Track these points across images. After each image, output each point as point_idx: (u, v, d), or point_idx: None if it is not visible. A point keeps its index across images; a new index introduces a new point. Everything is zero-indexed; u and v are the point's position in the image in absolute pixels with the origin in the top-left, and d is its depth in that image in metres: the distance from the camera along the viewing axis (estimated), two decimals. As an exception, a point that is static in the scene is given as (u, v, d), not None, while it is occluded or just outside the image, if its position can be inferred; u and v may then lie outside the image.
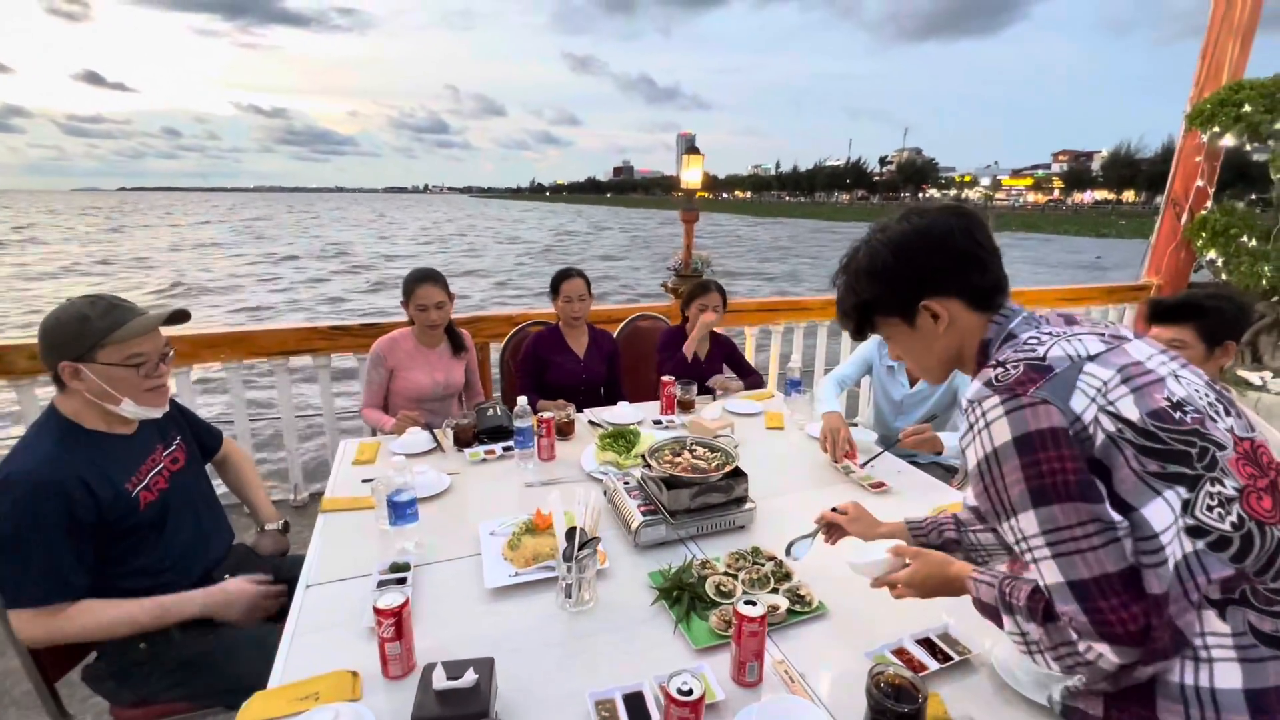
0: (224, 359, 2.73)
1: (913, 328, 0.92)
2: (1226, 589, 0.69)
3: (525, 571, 1.30)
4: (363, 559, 1.37)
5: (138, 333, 1.28)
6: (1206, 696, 0.68)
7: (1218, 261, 4.12)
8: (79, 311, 1.24)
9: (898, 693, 0.88)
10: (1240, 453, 0.73)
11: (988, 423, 0.75)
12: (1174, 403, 0.73)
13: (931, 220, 0.89)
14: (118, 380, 1.27)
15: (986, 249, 0.88)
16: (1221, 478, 0.70)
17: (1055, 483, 0.70)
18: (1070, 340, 0.78)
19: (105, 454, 1.28)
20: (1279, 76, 3.84)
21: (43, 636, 1.20)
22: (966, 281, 0.88)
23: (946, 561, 1.02)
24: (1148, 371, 0.75)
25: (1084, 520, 0.70)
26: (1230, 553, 0.68)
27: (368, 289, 16.42)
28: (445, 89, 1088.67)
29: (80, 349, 1.23)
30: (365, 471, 1.81)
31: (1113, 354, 0.76)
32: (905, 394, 2.18)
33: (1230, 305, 1.64)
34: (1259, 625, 0.68)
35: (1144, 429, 0.71)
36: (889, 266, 0.90)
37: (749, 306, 3.70)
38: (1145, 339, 0.83)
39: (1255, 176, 4.00)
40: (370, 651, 1.09)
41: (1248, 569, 0.68)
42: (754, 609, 0.99)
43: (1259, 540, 0.69)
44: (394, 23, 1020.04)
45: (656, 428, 2.14)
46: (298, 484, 3.04)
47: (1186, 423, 0.72)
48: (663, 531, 1.42)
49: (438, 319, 2.28)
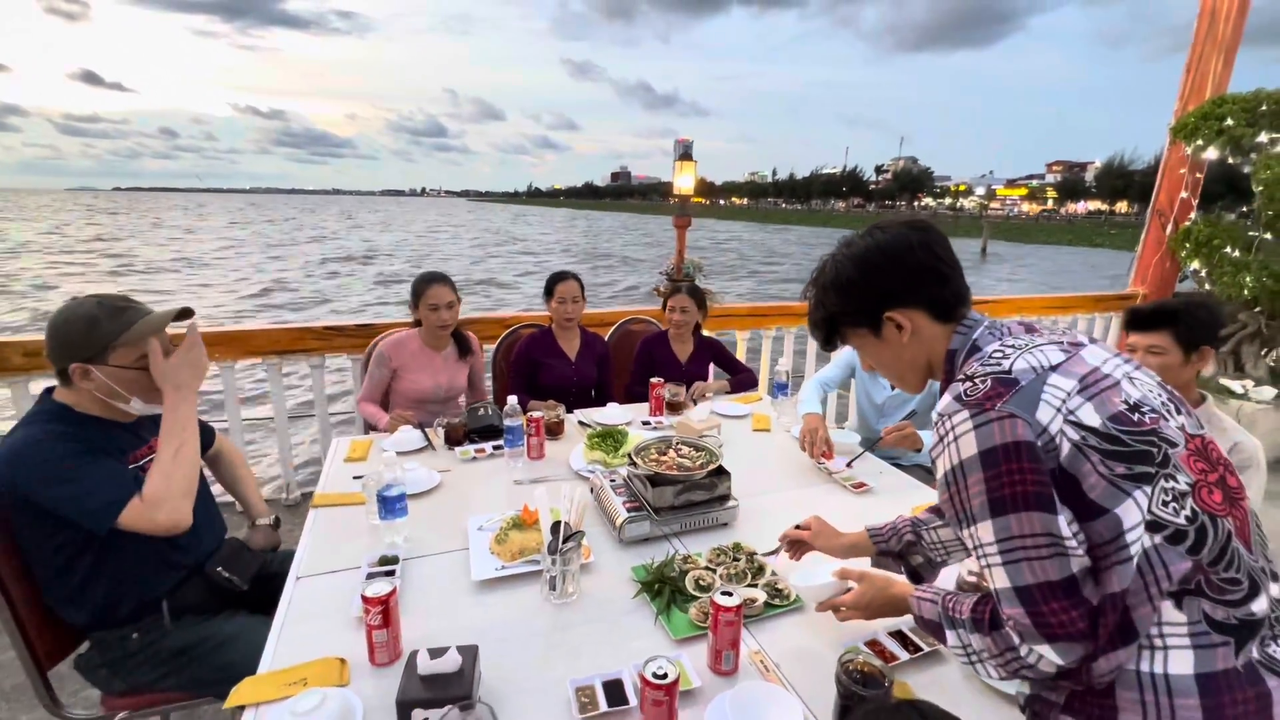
0: (217, 359, 2.75)
1: (879, 338, 0.96)
2: (1184, 580, 0.72)
3: (511, 565, 1.33)
4: (352, 552, 1.40)
5: (148, 333, 1.31)
6: (1160, 682, 0.71)
7: (1201, 272, 4.19)
8: (88, 313, 1.27)
9: (865, 679, 0.92)
10: (1191, 449, 0.77)
11: (956, 436, 0.78)
12: (1131, 405, 0.76)
13: (893, 235, 0.93)
14: (128, 381, 1.31)
15: (946, 262, 0.92)
16: (1174, 474, 0.74)
17: (1014, 494, 0.74)
18: (1033, 352, 0.81)
19: (104, 434, 1.31)
20: (1260, 91, 3.93)
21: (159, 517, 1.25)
22: (927, 293, 0.92)
23: (889, 583, 1.08)
24: (1105, 376, 0.79)
25: (1036, 531, 0.74)
26: (1186, 545, 0.72)
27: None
28: (444, 92, 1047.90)
29: (92, 351, 1.27)
30: (357, 468, 1.83)
31: (1071, 363, 0.79)
32: (887, 396, 2.22)
33: (1202, 310, 1.69)
34: (1212, 614, 0.71)
35: (1106, 433, 0.74)
36: (853, 280, 0.94)
37: (740, 311, 3.74)
38: (1100, 344, 0.86)
39: (1245, 189, 4.07)
40: (358, 640, 1.11)
41: (1203, 560, 0.72)
42: (730, 599, 1.02)
43: (1212, 532, 0.72)
44: (393, 26, 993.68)
45: (645, 429, 2.17)
46: (290, 483, 3.07)
47: (1145, 423, 0.75)
48: (646, 527, 1.46)
49: (448, 319, 2.30)
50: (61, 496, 1.19)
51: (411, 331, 2.40)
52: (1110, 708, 0.74)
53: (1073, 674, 0.78)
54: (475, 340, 2.51)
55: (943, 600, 0.91)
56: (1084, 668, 0.76)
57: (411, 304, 2.35)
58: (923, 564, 1.18)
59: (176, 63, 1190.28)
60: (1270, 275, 3.74)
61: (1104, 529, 0.73)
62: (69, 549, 1.27)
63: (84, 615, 1.32)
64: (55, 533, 1.25)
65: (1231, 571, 0.72)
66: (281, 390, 2.95)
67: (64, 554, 1.27)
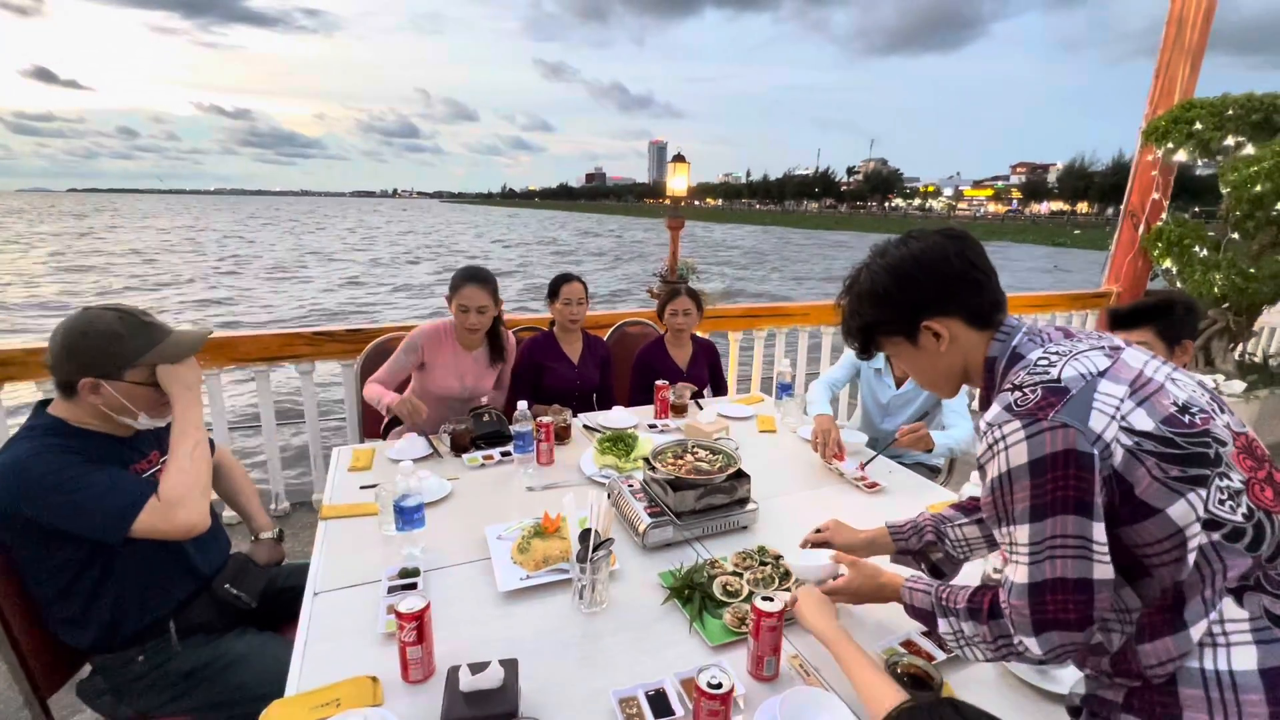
0: (203, 366, 2.66)
1: (916, 346, 0.96)
2: (1244, 576, 0.73)
3: (536, 574, 1.31)
4: (368, 565, 1.36)
5: (181, 355, 1.28)
6: (1226, 679, 0.72)
7: (1173, 270, 4.34)
8: (111, 329, 1.22)
9: (915, 681, 0.92)
10: (1239, 446, 0.78)
11: (1007, 445, 0.78)
12: (1180, 406, 0.77)
13: (928, 244, 0.93)
14: (139, 397, 1.26)
15: (981, 269, 0.92)
16: (1228, 472, 0.75)
17: (1055, 499, 0.75)
18: (1079, 359, 0.81)
19: (103, 447, 1.26)
20: (1226, 96, 4.08)
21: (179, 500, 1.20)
22: (964, 301, 0.92)
23: (878, 572, 1.14)
24: (1150, 380, 0.79)
25: (1069, 533, 0.75)
26: (1245, 542, 0.73)
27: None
28: (416, 93, 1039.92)
29: (110, 368, 1.22)
30: (361, 478, 1.79)
31: (1118, 368, 0.80)
32: (892, 395, 2.25)
33: (1179, 306, 1.77)
34: (1272, 608, 0.73)
35: (1162, 437, 0.74)
36: (889, 290, 0.94)
37: (732, 313, 3.75)
38: (1134, 346, 0.87)
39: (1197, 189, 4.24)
40: (386, 657, 1.08)
41: (1262, 556, 0.73)
42: (772, 605, 1.02)
43: (1269, 528, 0.74)
44: (361, 25, 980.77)
45: (652, 431, 2.16)
46: (278, 493, 2.98)
47: (1196, 424, 0.76)
48: (670, 533, 1.44)
49: (476, 323, 2.17)
50: (68, 510, 1.14)
51: (440, 325, 2.26)
52: (1174, 705, 0.75)
53: (1124, 668, 0.79)
54: (511, 344, 2.39)
55: (936, 591, 0.95)
56: (1131, 656, 0.78)
57: (447, 297, 2.21)
58: (942, 559, 1.19)
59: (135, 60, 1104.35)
60: (1238, 273, 3.88)
61: (1155, 528, 0.75)
62: (71, 568, 1.21)
63: (87, 638, 1.26)
64: (56, 551, 1.19)
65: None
66: (270, 399, 2.87)
67: (65, 574, 1.21)
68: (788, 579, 1.31)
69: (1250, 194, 3.74)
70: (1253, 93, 4.07)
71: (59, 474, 1.14)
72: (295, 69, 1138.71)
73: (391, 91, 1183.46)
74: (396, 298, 15.74)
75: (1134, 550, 0.77)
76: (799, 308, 3.85)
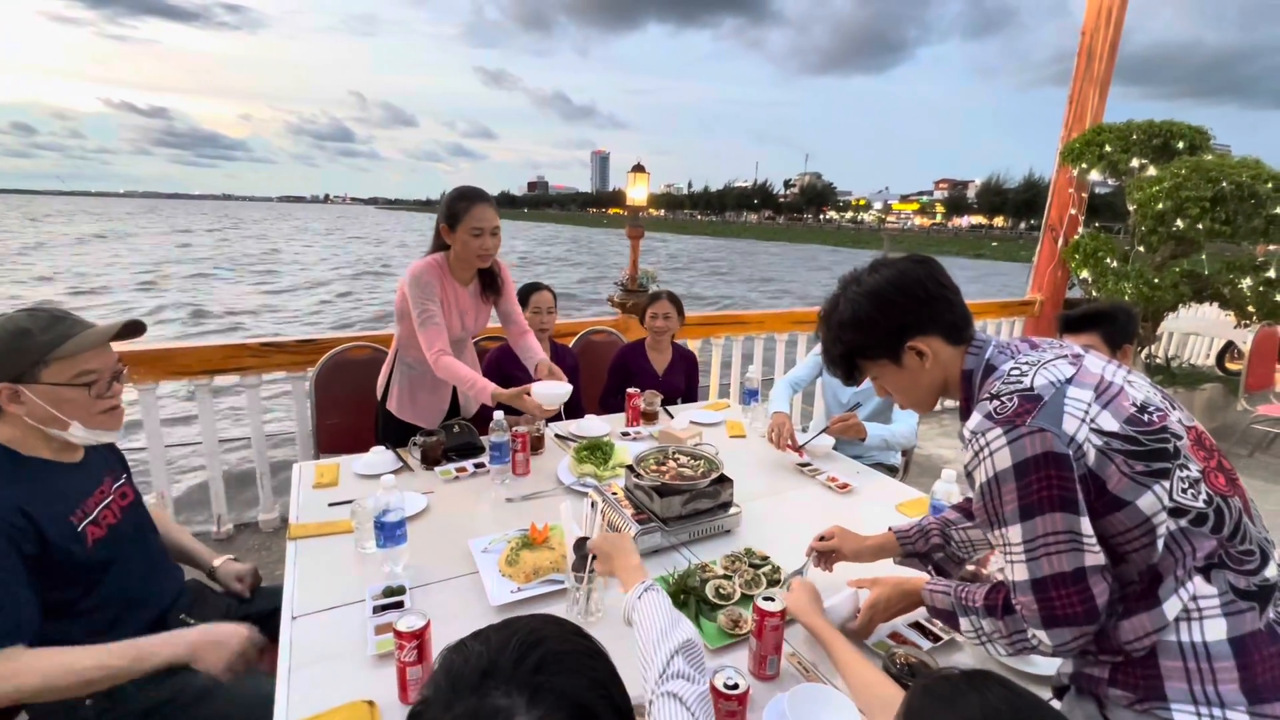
0: (136, 381, 2.47)
1: (900, 366, 1.01)
2: (1209, 555, 0.80)
3: (529, 586, 1.28)
4: (347, 585, 1.30)
5: (86, 347, 1.15)
6: (1200, 650, 0.79)
7: (1089, 280, 4.72)
8: (18, 326, 1.11)
9: (913, 670, 0.96)
10: (1191, 439, 0.85)
11: (991, 451, 0.84)
12: (1139, 406, 0.84)
13: (901, 269, 0.99)
14: (65, 402, 1.14)
15: (950, 289, 0.99)
16: (1186, 463, 0.82)
17: (1042, 498, 0.81)
18: (1047, 368, 0.88)
19: (48, 485, 1.15)
20: (1131, 122, 4.49)
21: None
22: (941, 320, 0.98)
23: (900, 581, 1.17)
24: (1111, 384, 0.86)
25: (1059, 530, 0.81)
26: (1209, 526, 0.80)
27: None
28: (350, 95, 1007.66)
29: (20, 367, 1.10)
30: (329, 495, 1.70)
31: (1082, 374, 0.87)
32: (851, 393, 2.35)
33: (1121, 313, 1.95)
34: (1236, 583, 0.80)
35: (1126, 435, 0.81)
36: (871, 315, 1.00)
37: (691, 321, 3.80)
38: (1092, 352, 0.94)
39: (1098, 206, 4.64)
40: (379, 678, 1.04)
41: (1218, 535, 0.80)
42: (773, 604, 1.04)
43: (1227, 511, 0.81)
44: (289, 24, 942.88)
45: (625, 439, 2.16)
46: (220, 515, 2.79)
47: (1155, 422, 0.83)
48: (658, 539, 1.45)
49: (491, 247, 1.93)
50: None
51: (432, 260, 1.97)
52: (1155, 676, 0.82)
53: (1106, 645, 0.86)
54: (506, 274, 2.14)
55: (955, 591, 0.99)
56: (1112, 633, 0.84)
57: (445, 226, 1.93)
58: (944, 559, 1.25)
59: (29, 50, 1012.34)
60: (1145, 283, 4.26)
61: (1126, 519, 0.82)
62: None
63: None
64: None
65: (1246, 544, 0.83)
66: (211, 414, 2.70)
67: None
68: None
69: (1153, 211, 4.12)
70: (1152, 120, 4.50)
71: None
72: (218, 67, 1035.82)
73: (324, 94, 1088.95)
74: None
75: (1109, 540, 0.83)
76: (755, 316, 3.96)
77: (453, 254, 1.98)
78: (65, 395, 1.14)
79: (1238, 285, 4.20)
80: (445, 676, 0.55)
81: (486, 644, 0.56)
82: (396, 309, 2.03)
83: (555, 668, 0.55)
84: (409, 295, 1.91)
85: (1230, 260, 4.33)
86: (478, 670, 0.54)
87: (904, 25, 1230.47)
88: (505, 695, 0.52)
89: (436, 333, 1.90)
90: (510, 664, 0.54)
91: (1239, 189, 3.84)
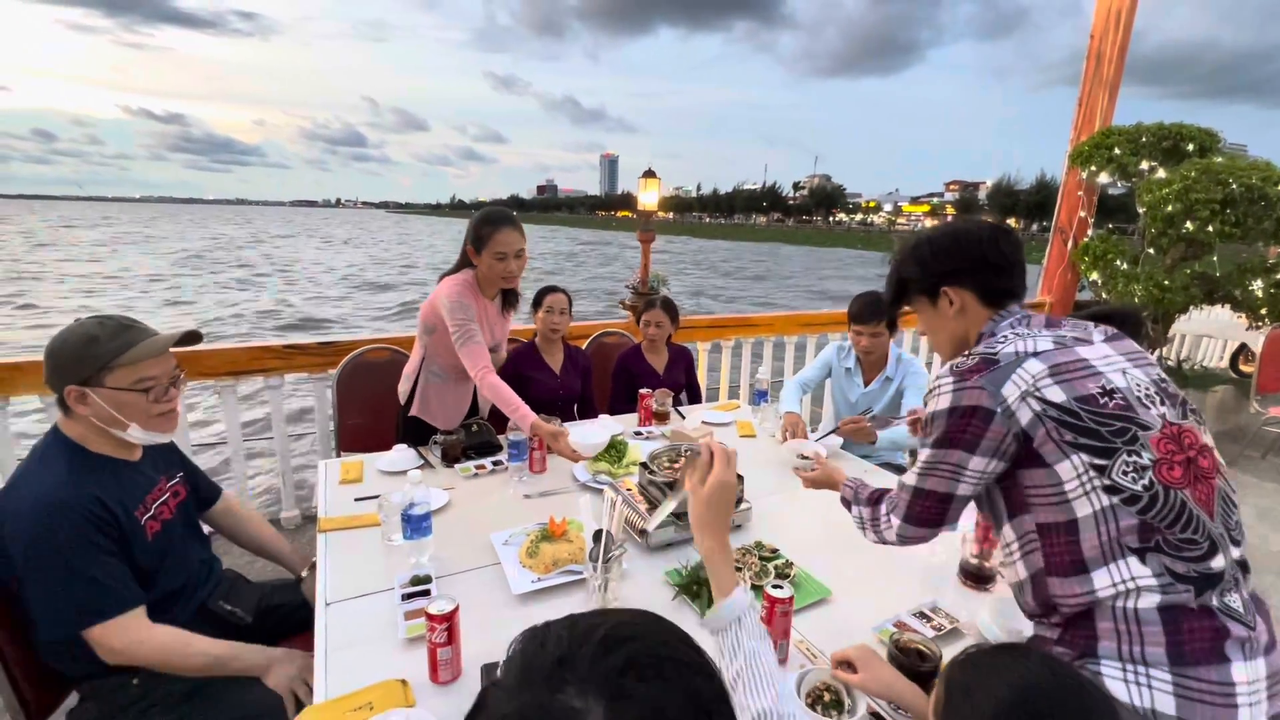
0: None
1: (934, 307, 1.14)
2: (1143, 539, 0.88)
3: (548, 576, 1.35)
4: (376, 575, 1.37)
5: (147, 355, 1.23)
6: (1131, 615, 0.88)
7: (1098, 282, 4.73)
8: (87, 333, 1.19)
9: (918, 655, 1.01)
10: (1165, 434, 0.91)
11: (941, 393, 1.01)
12: (1106, 391, 0.92)
13: (972, 227, 1.11)
14: (125, 405, 1.22)
15: (1008, 259, 1.08)
16: (1140, 451, 0.89)
17: (954, 437, 0.98)
18: (1025, 340, 0.98)
19: (115, 480, 1.23)
20: (1140, 125, 4.50)
21: (122, 649, 1.16)
22: (981, 280, 1.08)
23: (836, 471, 1.48)
24: (1088, 367, 0.94)
25: (952, 463, 0.99)
26: (1138, 508, 0.88)
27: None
28: (363, 101, 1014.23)
29: (87, 372, 1.18)
30: (354, 490, 1.78)
31: (1058, 353, 0.95)
32: (860, 394, 2.39)
33: (1129, 317, 1.97)
34: (1173, 567, 0.87)
35: (1068, 409, 0.91)
36: (928, 254, 1.13)
37: (700, 323, 3.86)
38: (1111, 343, 1.02)
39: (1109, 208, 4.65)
40: (410, 660, 1.11)
41: (1152, 521, 0.87)
42: (782, 591, 1.09)
43: (1162, 499, 0.88)
44: (301, 30, 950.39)
45: (638, 438, 2.22)
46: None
47: (1110, 407, 0.91)
48: (671, 533, 1.51)
49: (516, 270, 1.97)
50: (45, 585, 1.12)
51: (464, 280, 2.01)
52: (1091, 637, 0.90)
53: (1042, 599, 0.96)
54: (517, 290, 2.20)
55: (855, 487, 1.29)
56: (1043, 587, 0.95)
57: (471, 248, 1.99)
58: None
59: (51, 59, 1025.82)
60: (1155, 285, 4.27)
61: (1041, 476, 0.93)
62: None
63: (81, 667, 1.22)
64: None
65: (1189, 533, 0.88)
66: (236, 415, 2.78)
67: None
68: (790, 566, 1.40)
69: (1163, 213, 4.13)
70: (1161, 122, 4.51)
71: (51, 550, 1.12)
72: (232, 73, 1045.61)
73: (337, 99, 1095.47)
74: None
75: (1024, 488, 0.96)
76: (764, 318, 4.00)
77: (479, 273, 2.05)
78: (126, 399, 1.22)
79: (1249, 287, 4.20)
80: (520, 659, 0.47)
81: (571, 629, 0.48)
82: (424, 321, 2.10)
83: (648, 672, 0.45)
84: (447, 316, 1.97)
85: (1242, 262, 4.33)
86: (553, 657, 0.45)
87: (916, 27, 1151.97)
88: (580, 695, 0.43)
89: (480, 351, 1.95)
90: (591, 657, 0.45)
91: (1249, 191, 3.85)
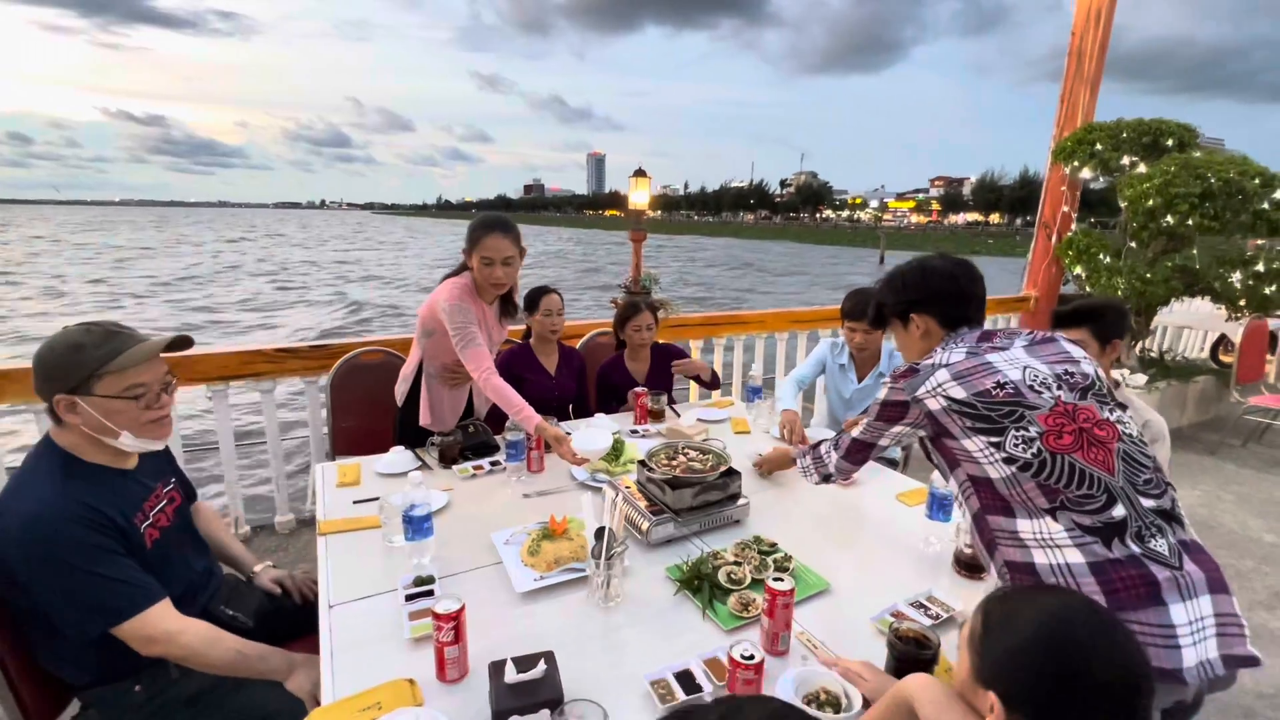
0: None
1: (905, 329, 1.39)
2: (1050, 499, 1.05)
3: (550, 575, 1.36)
4: (377, 576, 1.37)
5: (136, 362, 1.21)
6: (1064, 569, 1.02)
7: (1082, 275, 4.80)
8: (74, 340, 1.18)
9: (918, 642, 1.04)
10: (1056, 411, 1.10)
11: (883, 386, 1.32)
12: (999, 384, 1.14)
13: (944, 265, 1.35)
14: (116, 413, 1.20)
15: (965, 293, 1.32)
16: (1028, 426, 1.09)
17: (884, 415, 1.30)
18: (948, 352, 1.24)
19: (110, 489, 1.22)
20: (1121, 120, 4.58)
21: (161, 638, 1.17)
22: (942, 309, 1.33)
23: (781, 450, 1.88)
24: (988, 368, 1.17)
25: (880, 428, 1.32)
26: (1032, 472, 1.07)
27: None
28: (346, 101, 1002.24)
29: (75, 380, 1.17)
30: (352, 493, 1.78)
31: (965, 361, 1.20)
32: (854, 390, 2.43)
33: (1111, 311, 2.01)
34: (1080, 521, 1.03)
35: (967, 402, 1.15)
36: (898, 285, 1.39)
37: (692, 321, 3.88)
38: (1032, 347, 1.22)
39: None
40: (417, 659, 1.12)
41: (1048, 483, 1.05)
42: (784, 584, 1.11)
43: (1051, 463, 1.06)
44: (282, 29, 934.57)
45: (634, 436, 2.24)
46: (238, 517, 2.86)
47: (1000, 396, 1.13)
48: (671, 529, 1.52)
49: (502, 277, 1.99)
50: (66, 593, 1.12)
51: (463, 283, 2.04)
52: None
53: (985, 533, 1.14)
54: (516, 300, 2.24)
55: (804, 451, 1.57)
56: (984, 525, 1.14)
57: (466, 251, 2.03)
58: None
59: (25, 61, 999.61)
60: (1137, 278, 4.35)
61: (954, 446, 1.18)
62: None
63: (85, 675, 1.22)
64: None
65: (1085, 489, 1.04)
66: (228, 419, 2.76)
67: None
68: (790, 561, 1.42)
69: (1144, 208, 4.20)
70: (1142, 118, 4.59)
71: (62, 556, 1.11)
72: (213, 74, 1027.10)
73: (320, 99, 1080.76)
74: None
75: (951, 450, 1.19)
76: (755, 315, 4.03)
77: (474, 276, 2.06)
78: (116, 407, 1.20)
79: (1228, 279, 4.29)
80: None
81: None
82: (423, 325, 2.11)
83: None
84: (447, 320, 1.97)
85: (1220, 255, 4.42)
86: None
87: (900, 24, 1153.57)
88: None
89: (481, 354, 1.95)
90: None
91: (1226, 185, 3.93)
